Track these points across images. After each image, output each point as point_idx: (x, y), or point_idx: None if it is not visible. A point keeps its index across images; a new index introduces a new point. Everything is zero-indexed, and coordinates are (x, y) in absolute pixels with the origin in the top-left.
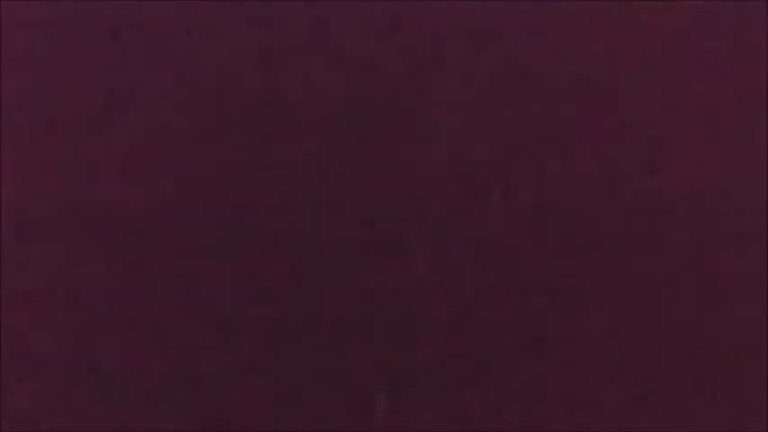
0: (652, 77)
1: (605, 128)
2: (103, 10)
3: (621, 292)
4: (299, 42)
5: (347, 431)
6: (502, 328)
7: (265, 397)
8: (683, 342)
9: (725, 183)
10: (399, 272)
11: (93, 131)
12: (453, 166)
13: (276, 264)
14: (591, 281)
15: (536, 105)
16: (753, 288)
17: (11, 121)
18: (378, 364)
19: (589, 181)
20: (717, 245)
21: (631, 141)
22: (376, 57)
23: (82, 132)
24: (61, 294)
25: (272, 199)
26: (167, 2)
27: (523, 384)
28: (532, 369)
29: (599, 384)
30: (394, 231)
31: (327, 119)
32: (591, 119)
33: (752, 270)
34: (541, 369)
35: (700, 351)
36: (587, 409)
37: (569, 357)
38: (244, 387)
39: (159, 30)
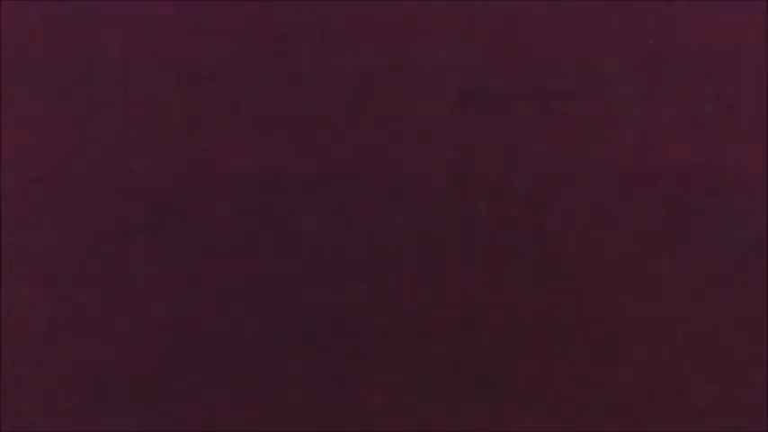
0: (652, 77)
1: (605, 127)
2: (104, 10)
3: (621, 292)
4: (300, 42)
5: (347, 431)
6: (502, 328)
7: (266, 397)
8: (682, 342)
9: (725, 182)
10: (399, 272)
11: (93, 131)
12: (453, 166)
13: (276, 264)
14: (591, 281)
15: (536, 104)
16: (753, 288)
17: (11, 121)
18: (378, 364)
19: (589, 180)
20: (717, 245)
21: (631, 141)
22: (375, 56)
23: (82, 132)
24: (61, 295)
25: (270, 199)
26: (167, 2)
27: (523, 384)
28: (532, 369)
29: (599, 384)
30: (393, 232)
31: (328, 119)
32: (591, 118)
33: (752, 271)
34: (541, 369)
35: (699, 351)
36: (587, 409)
37: (569, 357)
38: (244, 387)
39: (159, 29)
